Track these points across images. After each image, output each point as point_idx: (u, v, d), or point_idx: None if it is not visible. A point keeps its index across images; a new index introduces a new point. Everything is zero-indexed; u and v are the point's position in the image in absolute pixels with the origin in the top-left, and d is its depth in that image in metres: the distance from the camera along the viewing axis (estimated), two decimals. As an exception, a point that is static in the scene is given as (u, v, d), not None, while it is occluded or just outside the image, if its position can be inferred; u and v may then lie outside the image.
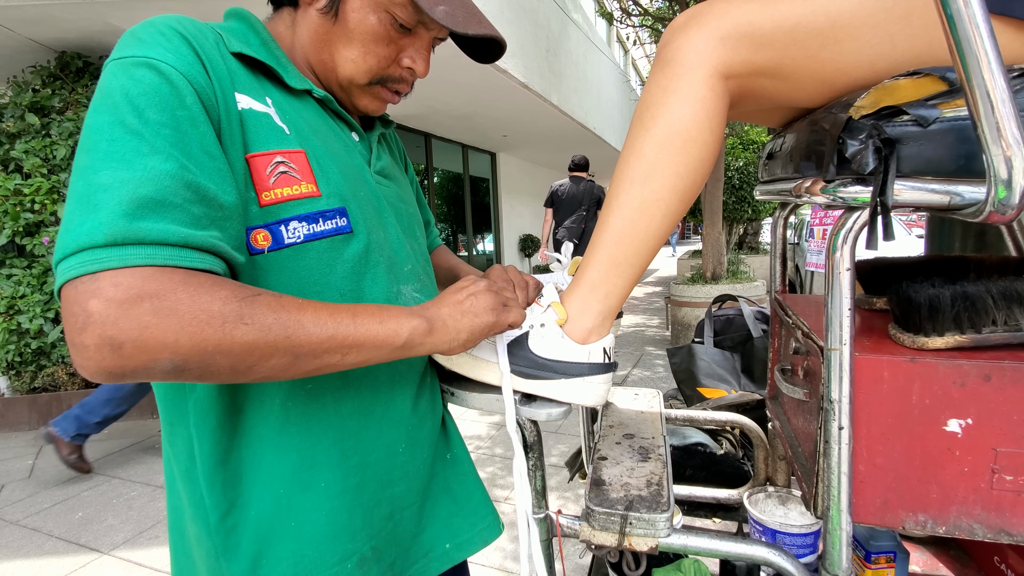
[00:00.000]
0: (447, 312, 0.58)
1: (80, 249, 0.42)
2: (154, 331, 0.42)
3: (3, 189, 3.61)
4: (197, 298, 0.43)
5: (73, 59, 3.90)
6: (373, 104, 0.68)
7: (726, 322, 1.74)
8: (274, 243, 0.55)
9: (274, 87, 0.61)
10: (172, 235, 0.44)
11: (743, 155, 9.23)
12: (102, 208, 0.42)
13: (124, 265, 0.42)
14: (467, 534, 0.72)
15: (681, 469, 1.14)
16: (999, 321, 0.54)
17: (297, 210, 0.56)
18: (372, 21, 0.61)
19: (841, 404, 0.53)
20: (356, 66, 0.63)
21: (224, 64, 0.55)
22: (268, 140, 0.56)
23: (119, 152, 0.44)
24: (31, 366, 3.94)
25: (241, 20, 0.63)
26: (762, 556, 0.60)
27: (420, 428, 0.68)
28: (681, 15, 0.62)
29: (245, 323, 0.45)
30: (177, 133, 0.47)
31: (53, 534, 2.40)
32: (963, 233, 1.13)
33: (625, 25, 6.57)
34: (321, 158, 0.59)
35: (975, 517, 0.53)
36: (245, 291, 0.47)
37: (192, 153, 0.48)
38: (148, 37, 0.50)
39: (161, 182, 0.45)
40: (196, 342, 0.43)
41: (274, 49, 0.62)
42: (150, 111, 0.46)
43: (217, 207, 0.49)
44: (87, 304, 0.41)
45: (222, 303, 0.44)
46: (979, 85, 0.41)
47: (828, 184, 0.52)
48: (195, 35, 0.53)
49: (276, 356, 0.47)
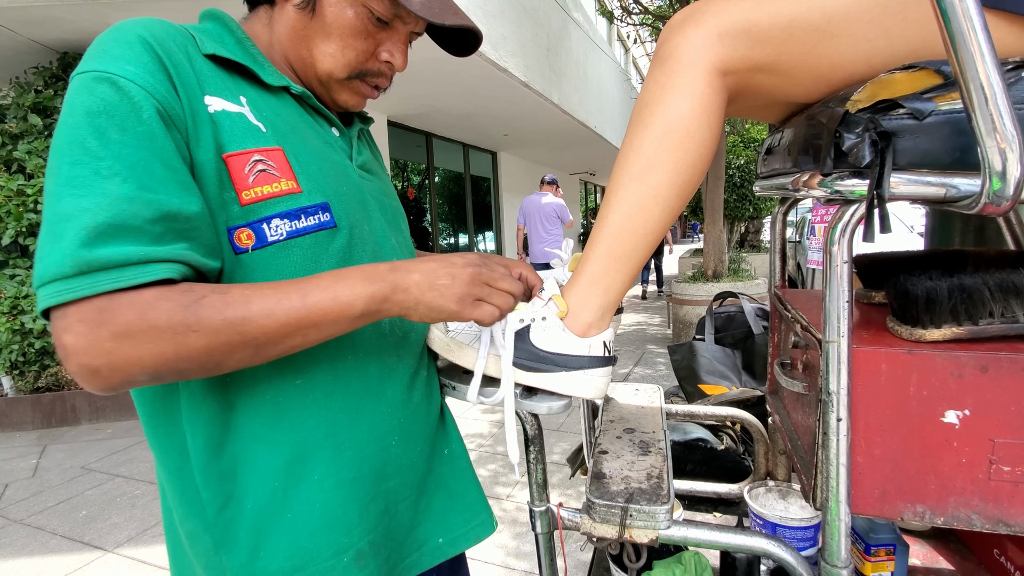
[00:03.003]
0: (416, 279, 0.56)
1: (51, 279, 0.45)
2: (119, 354, 0.45)
3: (6, 190, 3.62)
4: (144, 317, 0.46)
5: (75, 60, 3.92)
6: (352, 99, 0.69)
7: (727, 319, 1.74)
8: (258, 241, 0.55)
9: (249, 86, 0.61)
10: (132, 255, 0.46)
11: (744, 153, 9.22)
12: (64, 238, 0.45)
13: (89, 294, 0.45)
14: (460, 530, 0.73)
15: (682, 464, 1.14)
16: (996, 313, 0.54)
17: (278, 207, 0.56)
18: (349, 15, 0.62)
19: (839, 396, 0.53)
20: (335, 61, 0.64)
21: (192, 68, 0.55)
22: (244, 139, 0.56)
23: (79, 176, 0.46)
24: (34, 366, 3.96)
25: (215, 20, 0.63)
26: (762, 547, 0.61)
27: (413, 421, 0.68)
28: (679, 12, 0.62)
29: (193, 331, 0.47)
30: (137, 151, 0.48)
31: (57, 532, 2.41)
32: (963, 228, 1.13)
33: (625, 23, 6.57)
34: (300, 154, 0.60)
35: (973, 508, 0.53)
36: (189, 297, 0.48)
37: (152, 170, 0.48)
38: (112, 47, 0.51)
39: (119, 206, 0.46)
40: (156, 356, 0.46)
41: (249, 47, 0.62)
42: (110, 130, 0.47)
43: (182, 220, 0.50)
44: (62, 338, 0.45)
45: (168, 316, 0.47)
46: (973, 79, 0.41)
47: (825, 178, 0.52)
48: (161, 40, 0.53)
49: (237, 352, 0.50)
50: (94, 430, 3.73)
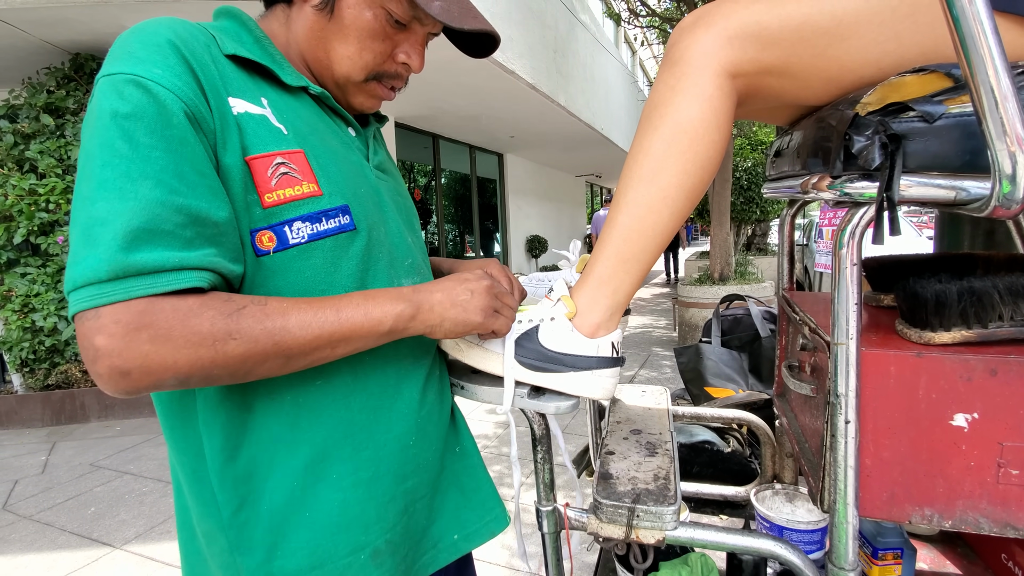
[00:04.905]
0: (438, 298, 0.59)
1: (86, 283, 0.45)
2: (154, 357, 0.46)
3: (18, 189, 3.66)
4: (187, 322, 0.47)
5: (87, 61, 3.96)
6: (368, 101, 0.69)
7: (734, 322, 1.74)
8: (279, 244, 0.56)
9: (269, 86, 0.60)
10: (167, 261, 0.47)
11: (751, 156, 9.19)
12: (100, 243, 0.45)
13: (124, 298, 0.45)
14: (474, 525, 0.73)
15: (688, 467, 1.14)
16: (1005, 316, 0.54)
17: (300, 210, 0.56)
18: (367, 17, 0.62)
19: (847, 398, 0.53)
20: (352, 62, 0.64)
21: (216, 69, 0.55)
22: (267, 142, 0.56)
23: (111, 180, 0.46)
24: (45, 363, 3.99)
25: (232, 19, 0.63)
26: (768, 549, 0.61)
27: (429, 421, 0.69)
28: (689, 15, 0.62)
29: (234, 338, 0.48)
30: (167, 155, 0.48)
31: (66, 529, 2.43)
32: (972, 232, 1.13)
33: (633, 26, 6.57)
34: (320, 156, 0.60)
35: (981, 511, 0.53)
36: (231, 306, 0.49)
37: (183, 174, 0.49)
38: (138, 49, 0.51)
39: (152, 210, 0.46)
40: (192, 361, 0.47)
41: (268, 47, 0.62)
42: (140, 134, 0.47)
43: (211, 225, 0.50)
44: (94, 340, 0.45)
45: (210, 323, 0.48)
46: (984, 81, 0.41)
47: (835, 180, 0.53)
48: (187, 41, 0.53)
49: (269, 361, 0.51)
50: (103, 427, 3.76)
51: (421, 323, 0.58)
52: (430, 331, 0.59)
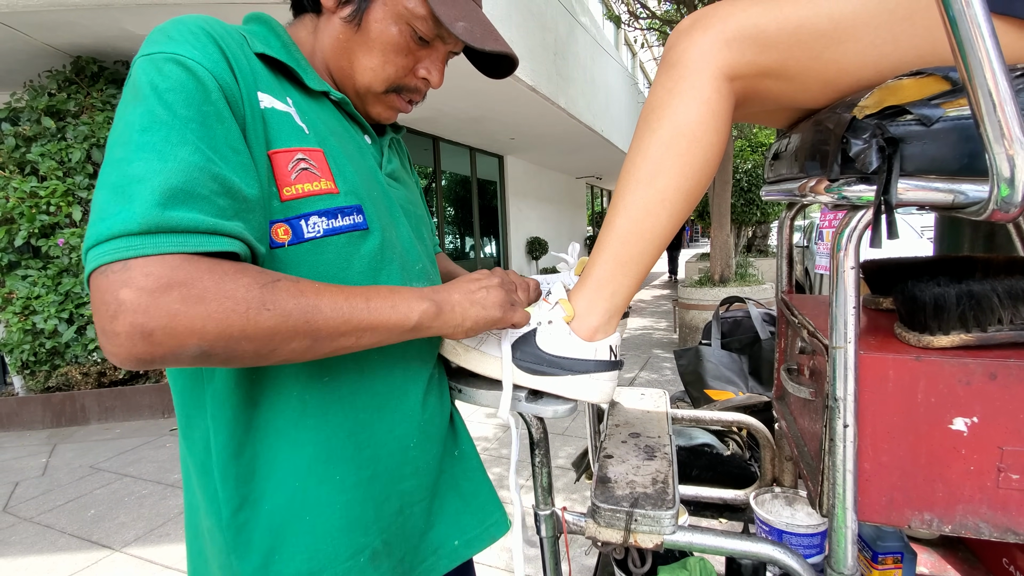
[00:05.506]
0: (458, 298, 0.60)
1: (113, 236, 0.43)
2: (182, 318, 0.43)
3: (19, 191, 3.67)
4: (222, 285, 0.45)
5: (88, 64, 3.97)
6: (386, 112, 0.71)
7: (734, 324, 1.74)
8: (294, 237, 0.56)
9: (294, 88, 0.62)
10: (202, 224, 0.46)
11: (751, 158, 9.19)
12: (137, 198, 0.44)
13: (156, 252, 0.43)
14: (475, 531, 0.73)
15: (687, 470, 1.14)
16: (1005, 320, 0.54)
17: (317, 205, 0.57)
18: (393, 32, 0.64)
19: (846, 402, 0.53)
20: (375, 74, 0.66)
21: (248, 64, 0.57)
22: (289, 138, 0.57)
23: (151, 143, 0.46)
24: (45, 365, 4.00)
25: (262, 23, 0.65)
26: (767, 554, 0.60)
27: (431, 423, 0.69)
28: (687, 18, 0.62)
29: (267, 309, 0.47)
30: (203, 128, 0.49)
31: (66, 531, 2.43)
32: (972, 235, 1.13)
33: (633, 28, 6.58)
34: (338, 157, 0.61)
35: (981, 516, 0.53)
36: (266, 277, 0.48)
37: (218, 147, 0.49)
38: (177, 35, 0.52)
39: (190, 173, 0.46)
40: (222, 328, 0.45)
41: (294, 52, 0.64)
42: (178, 106, 0.48)
43: (241, 199, 0.50)
44: (118, 293, 0.42)
45: (245, 290, 0.46)
46: (981, 85, 0.41)
47: (832, 183, 0.52)
48: (222, 35, 0.55)
49: (296, 339, 0.49)
50: (103, 430, 3.76)
51: (444, 322, 0.59)
52: (452, 330, 0.60)
